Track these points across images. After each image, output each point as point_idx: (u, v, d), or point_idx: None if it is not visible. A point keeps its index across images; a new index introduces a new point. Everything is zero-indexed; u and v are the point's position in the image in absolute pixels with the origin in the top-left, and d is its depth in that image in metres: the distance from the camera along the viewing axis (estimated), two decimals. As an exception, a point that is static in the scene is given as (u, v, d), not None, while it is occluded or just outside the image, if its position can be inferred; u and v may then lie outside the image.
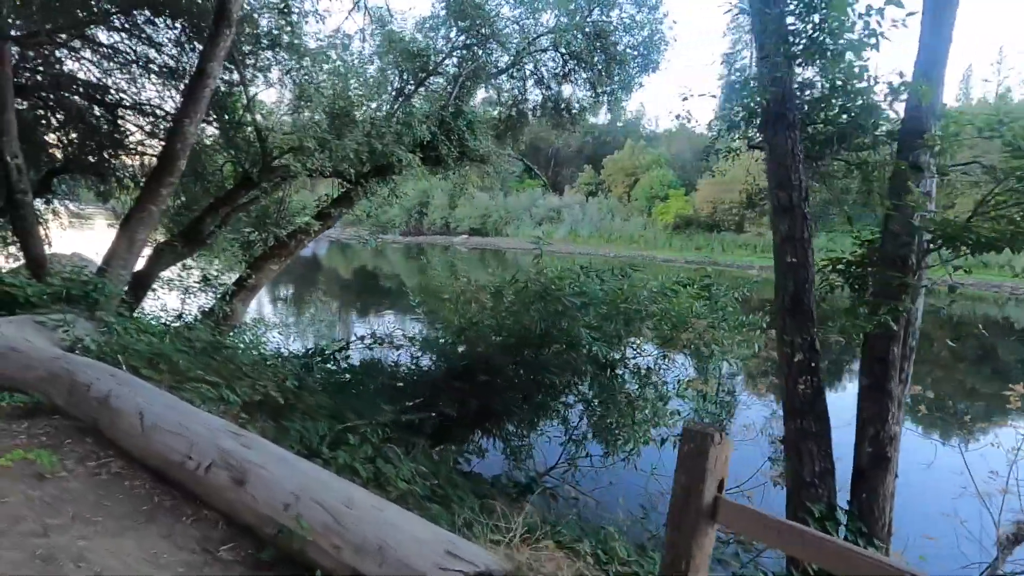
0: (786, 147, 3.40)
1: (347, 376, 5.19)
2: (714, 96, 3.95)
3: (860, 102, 3.21)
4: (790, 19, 3.21)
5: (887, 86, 3.06)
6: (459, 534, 2.41)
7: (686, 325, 4.33)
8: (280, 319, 8.23)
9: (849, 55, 2.96)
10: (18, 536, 2.08)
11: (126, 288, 6.61)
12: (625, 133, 52.44)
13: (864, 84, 3.08)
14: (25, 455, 2.46)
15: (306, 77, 8.09)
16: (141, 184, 12.67)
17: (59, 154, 13.92)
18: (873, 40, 2.86)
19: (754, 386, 8.59)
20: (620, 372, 4.23)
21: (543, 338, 4.25)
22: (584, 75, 12.99)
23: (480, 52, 11.15)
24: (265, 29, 9.26)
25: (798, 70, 3.41)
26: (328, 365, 5.56)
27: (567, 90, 13.97)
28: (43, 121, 13.06)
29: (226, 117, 11.89)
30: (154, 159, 12.43)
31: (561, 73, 12.92)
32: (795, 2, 3.12)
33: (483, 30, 11.28)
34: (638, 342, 4.41)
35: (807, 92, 3.55)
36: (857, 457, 3.07)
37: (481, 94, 11.77)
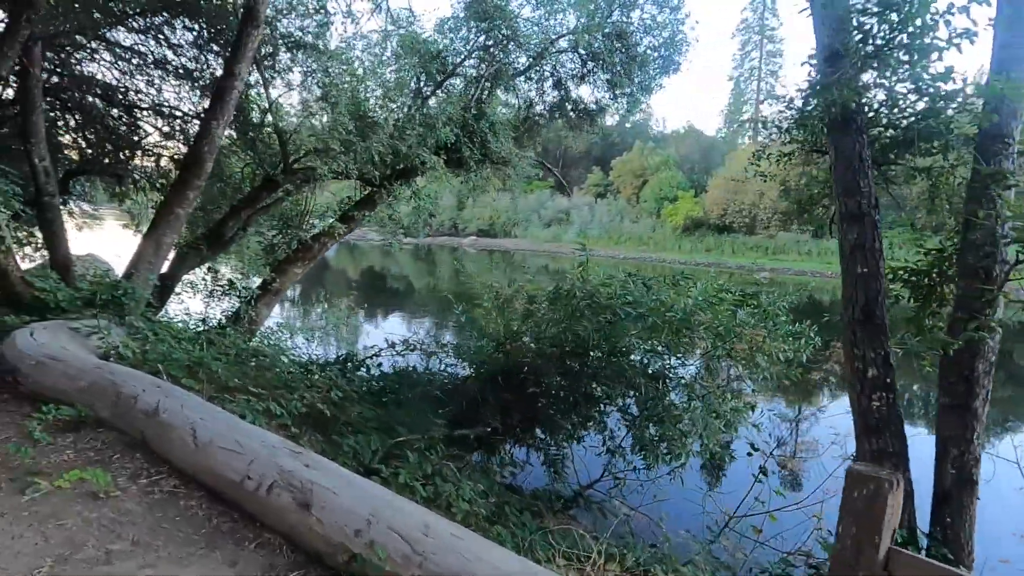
0: (854, 151, 3.26)
1: (381, 384, 5.07)
2: (780, 98, 3.80)
3: (938, 104, 3.07)
4: (864, 18, 3.08)
5: (973, 87, 2.92)
6: (527, 557, 2.28)
7: (734, 335, 4.18)
8: (302, 323, 8.12)
9: (932, 55, 2.81)
10: (82, 563, 1.98)
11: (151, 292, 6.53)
12: (634, 134, 52.21)
13: (954, 86, 2.94)
14: (81, 474, 2.35)
15: (329, 78, 7.99)
16: (158, 186, 12.66)
17: (75, 156, 13.94)
18: (960, 40, 2.72)
19: (795, 397, 8.39)
20: (668, 384, 4.10)
21: (589, 347, 4.12)
22: (603, 76, 12.85)
23: (499, 53, 11.06)
24: (285, 31, 9.19)
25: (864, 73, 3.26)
26: (359, 372, 5.45)
27: (585, 91, 13.82)
28: (59, 123, 13.07)
29: (242, 118, 11.86)
30: (171, 161, 12.44)
31: (579, 74, 12.80)
32: (871, 1, 2.99)
33: (503, 31, 11.18)
34: (685, 352, 4.27)
35: (873, 94, 3.41)
36: (939, 479, 2.92)
37: (499, 96, 11.65)
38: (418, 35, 10.11)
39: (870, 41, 3.03)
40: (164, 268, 7.11)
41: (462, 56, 11.31)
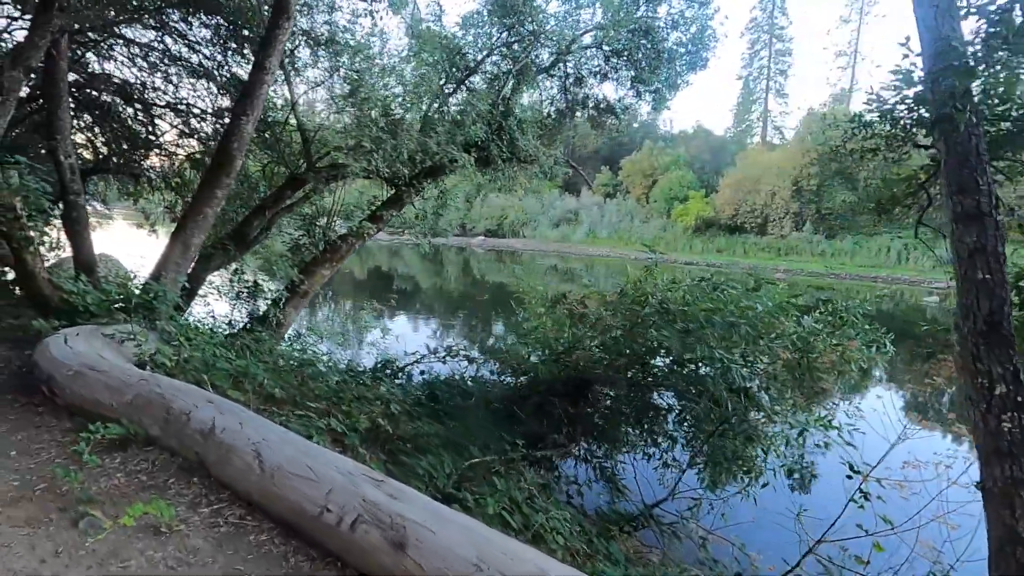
0: (969, 146, 2.98)
1: (426, 393, 4.80)
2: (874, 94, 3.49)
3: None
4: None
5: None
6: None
7: (810, 345, 3.90)
8: (326, 326, 7.88)
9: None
10: (156, 618, 1.71)
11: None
12: (642, 134, 51.84)
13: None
14: (145, 508, 2.09)
15: (356, 74, 7.74)
16: (173, 185, 12.43)
17: (87, 154, 13.75)
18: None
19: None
20: (749, 396, 3.81)
21: (655, 356, 3.85)
22: (627, 73, 12.54)
23: (525, 49, 10.79)
24: (306, 26, 8.95)
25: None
26: (398, 380, 5.18)
27: (608, 89, 13.48)
28: (74, 121, 12.86)
29: (261, 116, 11.62)
30: (187, 159, 12.23)
31: (602, 72, 12.52)
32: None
33: (528, 26, 10.91)
34: (762, 362, 3.97)
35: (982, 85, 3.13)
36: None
37: (525, 93, 11.38)
38: (441, 32, 9.88)
39: (995, 25, 2.75)
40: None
41: (486, 52, 11.06)
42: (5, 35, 8.55)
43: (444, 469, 2.73)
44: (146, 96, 11.03)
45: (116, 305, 5.14)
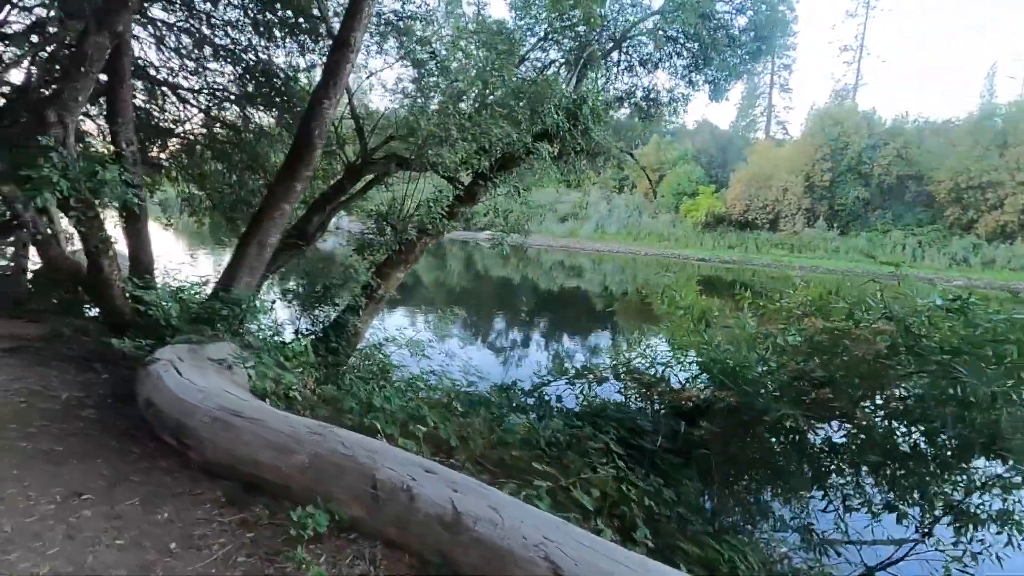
0: None
1: (564, 421, 4.09)
2: None
3: None
4: None
5: None
6: None
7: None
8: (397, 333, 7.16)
9: None
10: None
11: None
12: (648, 128, 51.14)
13: None
14: None
15: (434, 58, 6.98)
16: (196, 176, 11.56)
17: (97, 143, 12.80)
18: None
19: None
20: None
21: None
22: (681, 62, 11.82)
23: (589, 33, 10.06)
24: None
25: None
26: (526, 401, 4.48)
27: (659, 78, 12.83)
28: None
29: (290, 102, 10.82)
30: (207, 148, 11.38)
31: (654, 60, 11.79)
32: None
33: (591, 9, 10.19)
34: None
35: None
36: None
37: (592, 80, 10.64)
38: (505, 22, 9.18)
39: None
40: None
41: (538, 39, 10.37)
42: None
43: (744, 561, 2.05)
44: (170, 80, 10.17)
45: (191, 316, 4.39)
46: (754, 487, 3.58)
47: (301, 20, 9.96)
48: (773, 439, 3.51)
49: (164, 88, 10.37)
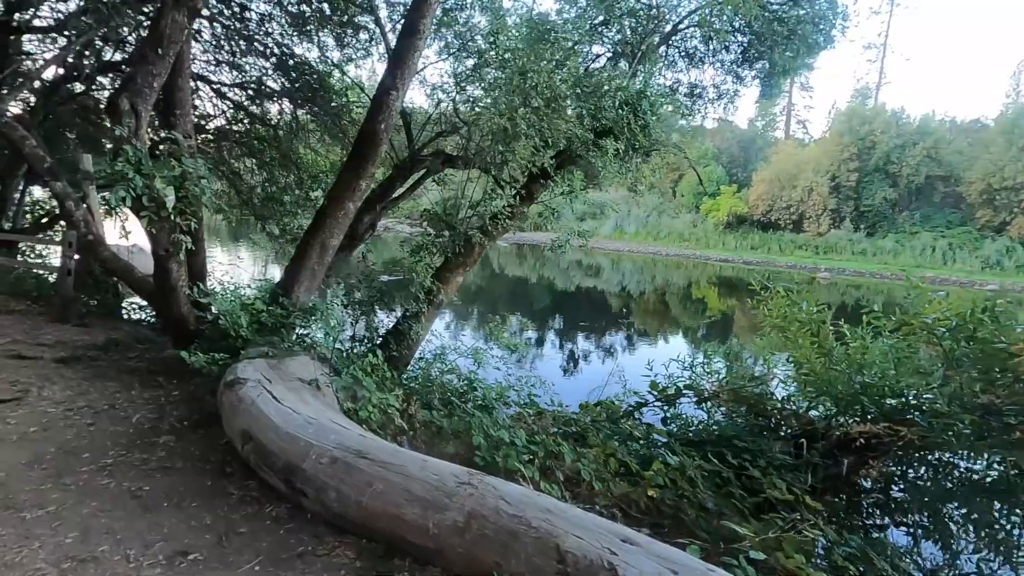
0: None
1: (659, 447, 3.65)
2: None
3: None
4: None
5: None
6: None
7: None
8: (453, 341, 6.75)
9: None
10: None
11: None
12: (667, 127, 50.41)
13: None
14: None
15: (495, 49, 6.56)
16: (227, 172, 11.24)
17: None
18: None
19: None
20: None
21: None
22: (728, 56, 11.30)
23: (646, 23, 9.60)
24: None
25: None
26: (622, 424, 4.04)
27: (707, 73, 12.27)
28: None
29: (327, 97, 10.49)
30: (236, 144, 11.09)
31: (699, 54, 11.28)
32: None
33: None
34: None
35: None
36: None
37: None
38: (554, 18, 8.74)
39: None
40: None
41: (590, 29, 9.90)
42: None
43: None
44: (202, 72, 9.85)
45: (258, 326, 4.00)
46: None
47: (339, 12, 9.61)
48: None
49: (197, 82, 10.05)
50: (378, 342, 5.66)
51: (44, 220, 11.99)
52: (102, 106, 11.98)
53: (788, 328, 4.08)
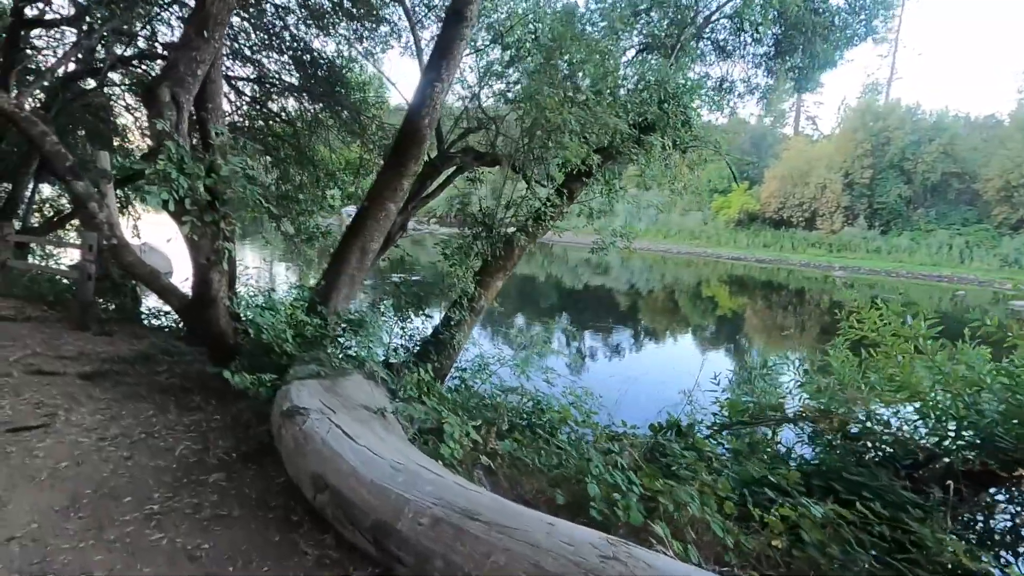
0: None
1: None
2: None
3: None
4: None
5: None
6: None
7: None
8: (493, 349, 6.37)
9: None
10: None
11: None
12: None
13: None
14: None
15: (533, 39, 6.18)
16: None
17: (126, 137, 12.24)
18: None
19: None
20: None
21: None
22: (760, 49, 10.88)
23: (682, 12, 9.20)
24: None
25: None
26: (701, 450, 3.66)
27: (737, 66, 11.83)
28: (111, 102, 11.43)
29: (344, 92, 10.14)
30: (259, 142, 10.76)
31: (728, 47, 10.86)
32: None
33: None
34: None
35: None
36: None
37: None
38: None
39: None
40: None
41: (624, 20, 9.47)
42: None
43: None
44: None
45: (302, 339, 3.64)
46: None
47: (359, 5, 9.25)
48: None
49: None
50: (415, 352, 5.30)
51: (55, 220, 11.65)
52: (112, 102, 11.65)
53: (886, 341, 3.70)
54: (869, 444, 3.57)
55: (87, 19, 7.96)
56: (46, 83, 6.41)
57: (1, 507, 2.19)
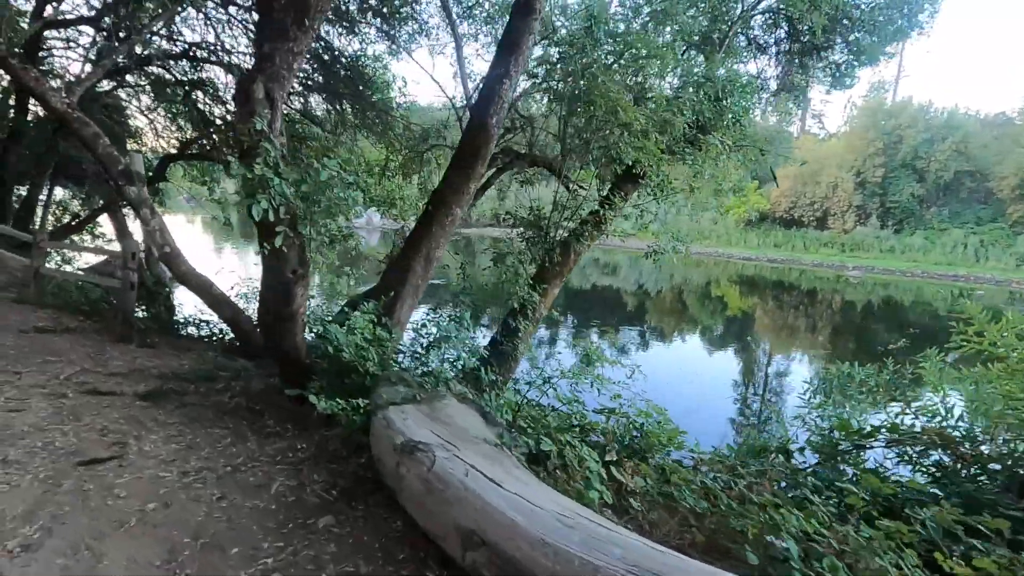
0: None
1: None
2: None
3: None
4: None
5: None
6: None
7: None
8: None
9: None
10: None
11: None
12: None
13: None
14: None
15: (589, 27, 5.89)
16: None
17: (154, 137, 12.01)
18: None
19: None
20: None
21: None
22: (795, 45, 10.57)
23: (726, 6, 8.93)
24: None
25: None
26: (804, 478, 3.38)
27: (770, 63, 11.53)
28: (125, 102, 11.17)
29: (367, 91, 9.88)
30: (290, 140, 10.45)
31: (759, 43, 10.59)
32: None
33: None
34: None
35: None
36: None
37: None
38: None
39: None
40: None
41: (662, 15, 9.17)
42: None
43: None
44: (230, 62, 9.23)
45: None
46: None
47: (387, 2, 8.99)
48: None
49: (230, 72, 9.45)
50: (476, 364, 5.00)
51: (73, 224, 11.36)
52: (131, 103, 11.37)
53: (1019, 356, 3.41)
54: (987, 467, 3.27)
55: (106, 19, 7.71)
56: (90, 84, 6.13)
57: (96, 562, 1.91)
